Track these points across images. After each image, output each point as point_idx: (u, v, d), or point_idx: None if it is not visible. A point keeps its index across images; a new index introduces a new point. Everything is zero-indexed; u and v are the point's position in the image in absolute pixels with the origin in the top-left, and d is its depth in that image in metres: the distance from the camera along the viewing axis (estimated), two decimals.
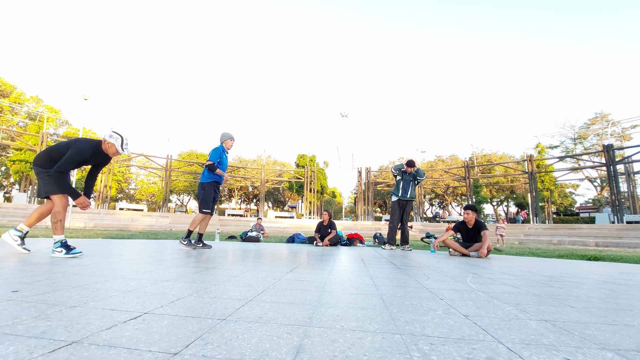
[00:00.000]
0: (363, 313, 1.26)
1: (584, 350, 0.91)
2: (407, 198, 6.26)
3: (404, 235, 6.21)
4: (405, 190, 6.29)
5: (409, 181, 6.30)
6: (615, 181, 18.26)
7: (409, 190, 6.28)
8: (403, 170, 6.41)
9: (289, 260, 3.41)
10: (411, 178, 6.33)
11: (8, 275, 1.81)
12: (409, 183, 6.29)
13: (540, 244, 13.98)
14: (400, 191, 6.32)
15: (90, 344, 0.83)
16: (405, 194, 6.28)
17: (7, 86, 29.63)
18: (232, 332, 0.97)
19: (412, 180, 6.31)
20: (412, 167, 6.32)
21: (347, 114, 32.71)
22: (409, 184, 6.29)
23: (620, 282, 2.47)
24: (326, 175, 35.01)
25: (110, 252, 3.47)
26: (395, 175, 6.54)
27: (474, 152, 32.35)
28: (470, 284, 2.08)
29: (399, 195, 6.30)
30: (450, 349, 0.89)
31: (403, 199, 6.27)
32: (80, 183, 33.31)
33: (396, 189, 6.42)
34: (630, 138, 28.58)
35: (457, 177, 29.93)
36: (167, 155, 26.55)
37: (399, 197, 6.30)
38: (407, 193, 6.28)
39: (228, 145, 4.85)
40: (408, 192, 6.28)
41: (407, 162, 6.37)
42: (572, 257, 5.10)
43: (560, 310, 1.41)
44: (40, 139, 21.41)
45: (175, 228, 17.79)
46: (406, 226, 6.25)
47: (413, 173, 6.35)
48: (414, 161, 6.37)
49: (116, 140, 3.04)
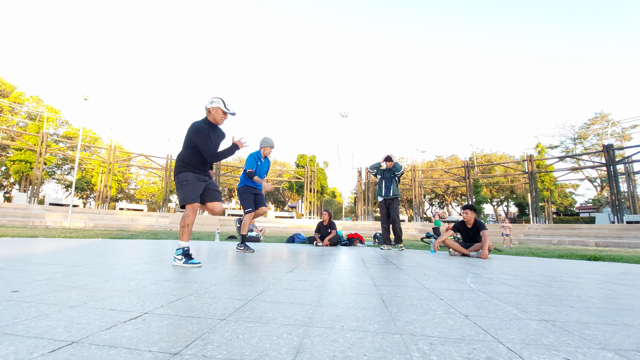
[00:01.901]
0: (363, 313, 1.26)
1: (584, 350, 0.91)
2: (391, 196, 6.26)
3: (395, 234, 6.19)
4: (388, 189, 6.29)
5: (390, 178, 6.30)
6: (615, 181, 18.26)
7: (391, 188, 6.27)
8: (382, 169, 6.41)
9: (289, 260, 3.41)
10: (391, 175, 6.31)
11: (8, 275, 1.81)
12: (390, 180, 6.29)
13: (540, 244, 13.98)
14: (383, 190, 6.33)
15: (90, 344, 0.83)
16: (388, 192, 6.28)
17: (7, 86, 29.61)
18: (232, 332, 0.97)
19: (392, 177, 6.30)
20: (389, 162, 6.30)
21: (347, 114, 32.69)
22: (390, 181, 6.29)
23: (620, 282, 2.47)
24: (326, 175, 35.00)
25: (110, 252, 3.46)
26: (374, 175, 6.54)
27: (474, 152, 32.36)
28: (470, 284, 2.08)
29: (382, 195, 6.33)
30: (450, 349, 0.89)
31: (387, 197, 6.28)
32: (80, 183, 33.47)
33: (379, 189, 6.42)
34: (630, 138, 28.58)
35: (457, 177, 29.93)
36: (167, 155, 26.52)
37: (383, 197, 6.33)
38: (390, 191, 6.27)
39: (266, 152, 4.58)
40: (391, 190, 6.27)
41: (385, 158, 6.36)
42: (572, 257, 5.10)
43: (560, 310, 1.41)
44: (40, 139, 21.40)
45: (175, 228, 17.78)
46: (397, 224, 6.21)
47: (392, 169, 6.32)
48: (391, 156, 6.35)
49: (219, 103, 2.81)
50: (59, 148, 28.82)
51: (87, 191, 37.08)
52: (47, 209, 18.99)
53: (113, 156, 24.84)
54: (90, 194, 38.32)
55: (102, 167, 25.61)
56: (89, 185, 33.75)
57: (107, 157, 25.07)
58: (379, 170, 6.45)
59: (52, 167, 34.33)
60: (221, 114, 2.85)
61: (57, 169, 35.80)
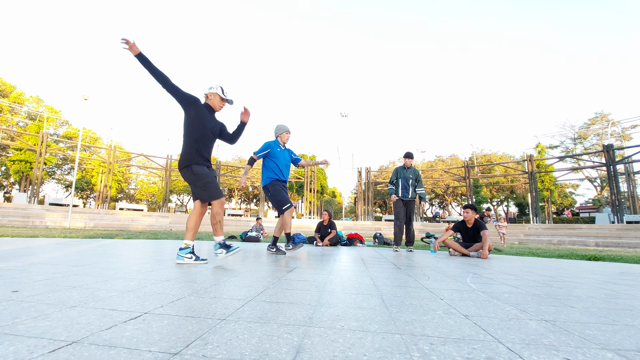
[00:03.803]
0: (363, 313, 1.26)
1: (584, 350, 0.91)
2: (409, 198, 5.83)
3: (409, 236, 5.83)
4: (406, 190, 5.82)
5: (409, 179, 5.85)
6: (615, 181, 18.25)
7: (409, 190, 5.82)
8: (400, 167, 6.01)
9: (289, 260, 3.40)
10: (411, 175, 5.86)
11: (8, 275, 1.81)
12: (408, 181, 5.84)
13: (540, 244, 13.98)
14: (400, 191, 5.82)
15: (90, 344, 0.83)
16: (406, 193, 5.82)
17: (7, 86, 29.61)
18: (232, 332, 0.97)
19: (412, 178, 5.86)
20: (410, 159, 5.92)
21: (347, 114, 32.69)
22: (409, 181, 5.84)
23: (620, 282, 2.47)
24: (326, 175, 35.02)
25: (110, 252, 3.46)
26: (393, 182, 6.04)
27: (474, 152, 32.35)
28: (470, 284, 2.08)
29: (399, 194, 5.85)
30: (450, 349, 0.89)
31: (404, 198, 5.83)
32: (80, 183, 33.48)
33: (396, 188, 5.94)
34: (630, 138, 28.57)
35: (457, 177, 29.91)
36: (167, 155, 26.51)
37: (399, 197, 5.86)
38: (408, 193, 5.82)
39: (284, 138, 4.16)
40: (409, 192, 5.82)
41: (405, 154, 5.97)
42: (572, 257, 5.10)
43: (560, 310, 1.41)
44: (40, 139, 21.38)
45: (175, 228, 17.78)
46: (412, 225, 5.82)
47: (413, 170, 5.92)
48: (411, 153, 6.01)
49: (217, 89, 2.83)
50: (59, 148, 28.82)
51: (87, 191, 37.07)
52: (47, 209, 18.98)
53: (113, 156, 24.82)
54: (90, 194, 38.31)
55: (102, 167, 25.60)
56: (89, 185, 33.75)
57: (107, 157, 25.05)
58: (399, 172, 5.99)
59: (52, 167, 34.34)
60: (219, 100, 2.85)
61: (57, 169, 35.80)
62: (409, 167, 5.99)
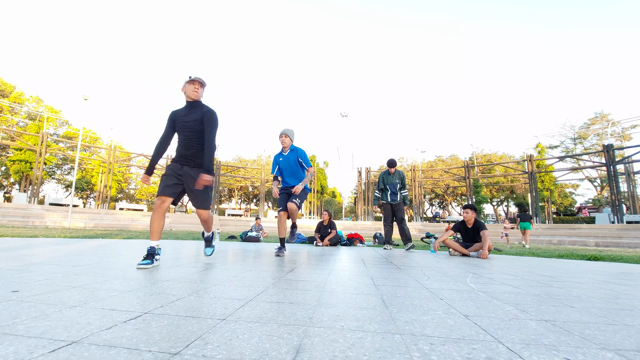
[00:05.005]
0: (363, 313, 1.26)
1: (584, 350, 0.91)
2: (397, 202, 6.22)
3: (404, 234, 6.13)
4: (394, 194, 6.23)
5: (395, 184, 6.25)
6: (615, 181, 18.25)
7: (397, 194, 6.22)
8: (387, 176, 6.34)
9: (289, 260, 3.40)
10: (397, 181, 6.26)
11: (8, 275, 1.81)
12: (395, 187, 6.24)
13: (540, 244, 13.97)
14: (388, 196, 6.27)
15: (90, 344, 0.83)
16: (395, 197, 6.23)
17: (7, 86, 29.62)
18: (232, 332, 0.97)
19: (398, 183, 6.25)
20: (393, 167, 6.29)
21: (347, 114, 32.69)
22: (395, 187, 6.24)
23: (620, 282, 2.47)
24: (326, 175, 35.01)
25: (110, 252, 3.46)
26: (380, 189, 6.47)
27: (474, 152, 32.35)
28: (470, 284, 2.08)
29: (388, 199, 6.29)
30: (450, 349, 0.89)
31: (393, 202, 6.24)
32: (80, 183, 33.45)
33: (384, 195, 6.36)
34: (630, 138, 28.57)
35: (457, 177, 29.91)
36: (167, 156, 26.52)
37: (388, 202, 6.30)
38: (396, 197, 6.23)
39: (283, 143, 3.96)
40: (397, 196, 6.22)
41: (388, 163, 6.33)
42: (572, 257, 5.10)
43: (560, 310, 1.41)
44: (40, 139, 21.39)
45: (175, 228, 17.79)
46: (404, 224, 6.16)
47: (398, 173, 6.29)
48: (394, 160, 6.34)
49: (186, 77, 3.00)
50: (59, 148, 28.82)
51: (87, 191, 37.07)
52: (47, 209, 18.98)
53: (113, 156, 24.83)
54: (90, 194, 38.30)
55: (102, 167, 25.60)
56: (89, 185, 33.74)
57: (107, 157, 25.06)
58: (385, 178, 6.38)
59: (52, 167, 34.34)
60: (188, 87, 2.94)
61: (57, 169, 35.81)
62: (393, 172, 6.37)
